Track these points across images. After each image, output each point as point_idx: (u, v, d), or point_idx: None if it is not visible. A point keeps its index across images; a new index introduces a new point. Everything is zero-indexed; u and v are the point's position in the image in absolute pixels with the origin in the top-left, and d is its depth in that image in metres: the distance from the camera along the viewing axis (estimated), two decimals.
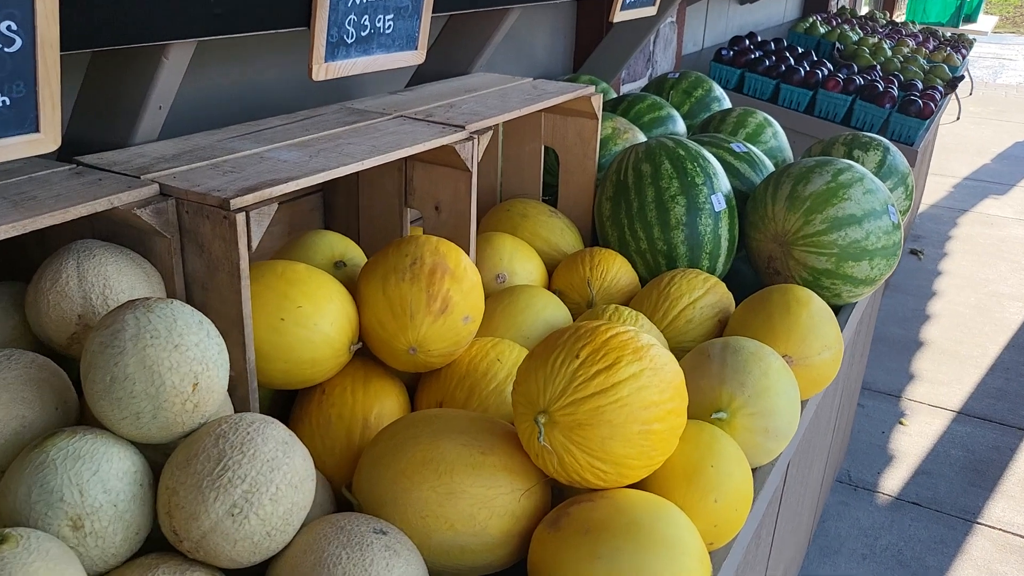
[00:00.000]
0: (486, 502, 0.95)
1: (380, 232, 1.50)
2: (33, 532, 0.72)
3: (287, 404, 1.23)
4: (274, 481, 0.82)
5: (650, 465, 0.95)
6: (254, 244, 0.99)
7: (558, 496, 1.06)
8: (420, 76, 1.81)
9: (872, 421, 3.47)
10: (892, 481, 3.09)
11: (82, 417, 0.93)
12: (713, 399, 1.16)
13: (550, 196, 1.94)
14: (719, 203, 1.70)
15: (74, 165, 1.07)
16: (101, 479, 0.79)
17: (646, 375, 0.93)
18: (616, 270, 1.58)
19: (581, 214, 1.88)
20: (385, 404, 1.14)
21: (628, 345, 0.94)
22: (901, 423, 3.45)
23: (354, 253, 1.31)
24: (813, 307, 1.36)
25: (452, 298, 1.14)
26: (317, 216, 1.57)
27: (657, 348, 0.97)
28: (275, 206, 1.01)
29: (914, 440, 3.36)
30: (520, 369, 0.99)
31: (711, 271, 1.71)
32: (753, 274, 1.94)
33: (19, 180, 0.99)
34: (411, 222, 1.55)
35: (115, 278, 0.94)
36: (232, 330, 1.02)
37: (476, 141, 1.35)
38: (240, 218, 0.97)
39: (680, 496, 0.99)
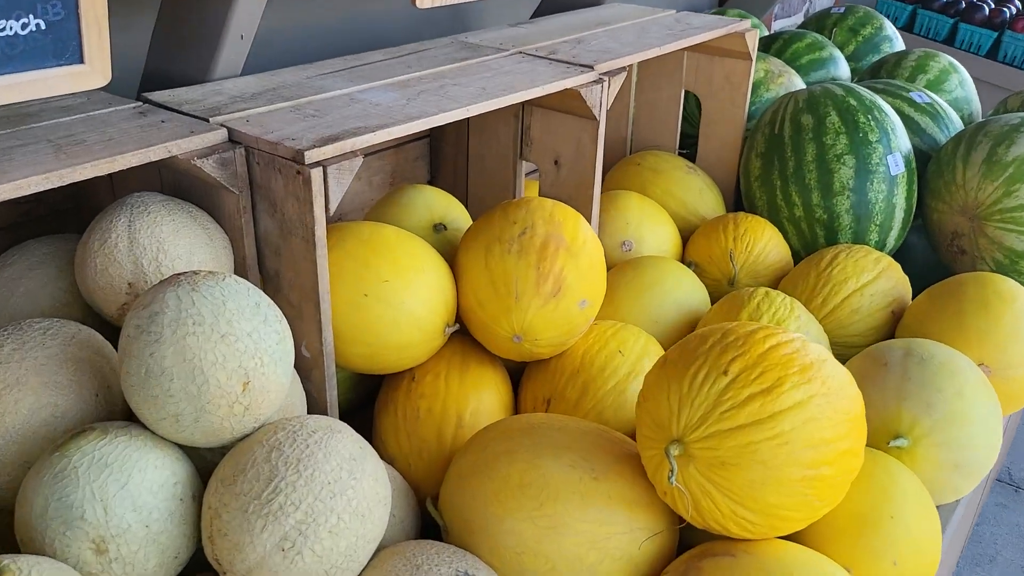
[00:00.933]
0: (597, 542, 0.76)
1: (491, 188, 1.30)
2: (40, 563, 0.59)
3: (375, 387, 1.07)
4: (335, 509, 0.66)
5: (811, 517, 0.74)
6: (333, 206, 0.82)
7: (685, 530, 0.86)
8: (547, 6, 1.58)
9: None
10: None
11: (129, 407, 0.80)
12: (890, 421, 0.92)
13: (688, 150, 1.69)
14: (896, 165, 1.41)
15: (140, 103, 0.92)
16: (131, 494, 0.65)
17: (816, 404, 0.71)
18: (765, 242, 1.34)
19: (724, 172, 1.63)
20: (483, 398, 0.96)
21: (793, 361, 0.72)
22: None
23: (457, 214, 1.12)
24: (1020, 305, 1.09)
25: (567, 278, 0.94)
26: (423, 166, 1.40)
27: (831, 365, 0.75)
28: (359, 160, 0.84)
29: None
30: (649, 380, 0.78)
31: (879, 247, 1.43)
32: (927, 250, 1.64)
33: (72, 120, 0.85)
34: (526, 175, 1.36)
35: (170, 240, 0.79)
36: (306, 305, 0.87)
37: (606, 84, 1.12)
38: (316, 174, 0.80)
39: (847, 555, 0.78)
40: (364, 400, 1.09)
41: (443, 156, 1.37)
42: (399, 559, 0.72)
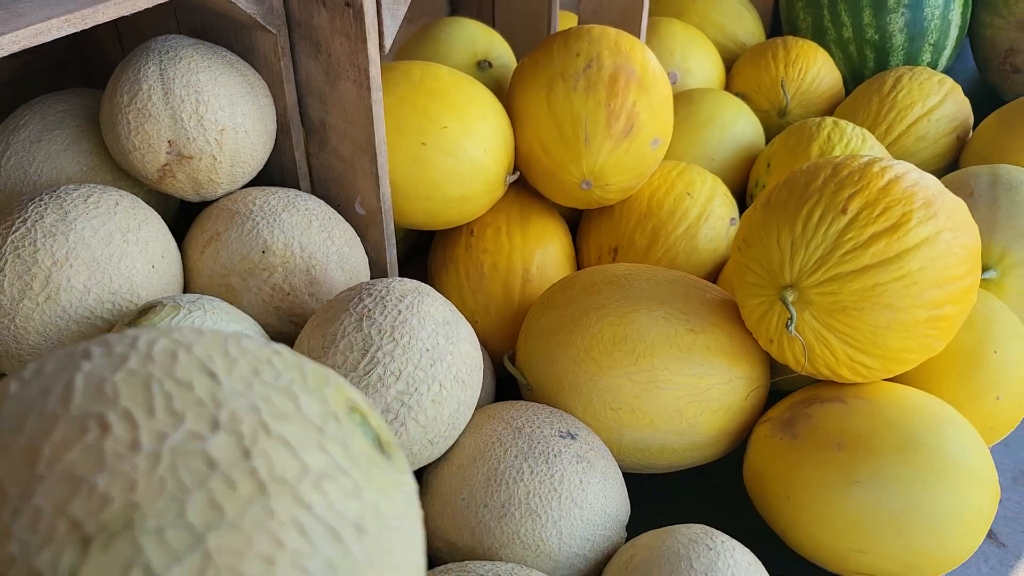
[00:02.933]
0: (696, 395, 0.73)
1: (522, 19, 1.18)
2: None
3: (424, 246, 1.01)
4: (436, 377, 0.61)
5: (926, 357, 0.70)
6: (388, 42, 0.72)
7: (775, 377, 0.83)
8: None
9: None
10: None
11: (187, 274, 0.73)
12: (981, 253, 0.87)
13: None
14: None
15: None
16: None
17: (943, 239, 0.65)
18: (818, 68, 1.24)
19: None
20: (548, 250, 0.90)
21: (916, 195, 0.66)
22: None
23: (501, 50, 1.02)
24: None
25: (639, 115, 0.86)
26: (441, 6, 1.26)
27: (951, 197, 0.69)
28: None
29: None
30: (751, 223, 0.72)
31: (932, 69, 1.34)
32: (968, 71, 1.56)
33: None
34: (560, 6, 1.23)
35: (209, 90, 0.70)
36: (360, 158, 0.78)
37: None
38: (369, 5, 0.69)
39: (952, 392, 0.75)
40: (404, 259, 1.03)
41: None
42: (498, 422, 0.68)
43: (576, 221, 1.02)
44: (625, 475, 0.76)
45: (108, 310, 0.64)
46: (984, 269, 0.87)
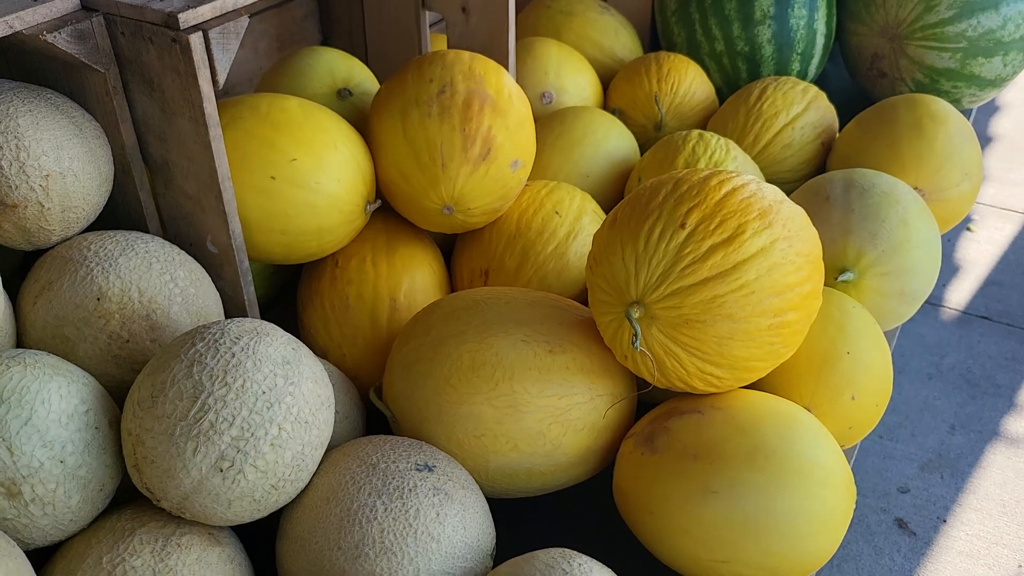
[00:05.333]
0: (559, 415, 0.72)
1: (393, 45, 1.18)
2: None
3: (291, 278, 0.99)
4: (275, 420, 0.60)
5: (775, 364, 0.72)
6: (221, 78, 0.71)
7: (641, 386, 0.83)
8: None
9: None
10: (959, 294, 2.87)
11: (19, 326, 0.70)
12: (836, 255, 0.90)
13: None
14: None
15: None
16: (37, 428, 0.57)
17: (779, 248, 0.66)
18: (690, 81, 1.27)
19: (638, 12, 1.53)
20: (416, 277, 0.90)
21: (752, 206, 0.67)
22: (969, 230, 3.18)
23: (362, 76, 1.01)
24: (952, 126, 1.06)
25: (496, 138, 0.85)
26: (312, 25, 1.25)
27: (788, 206, 0.70)
28: (245, 20, 0.71)
29: (983, 248, 3.10)
30: (599, 241, 0.73)
31: (802, 77, 1.38)
32: (843, 79, 1.61)
33: None
34: (431, 26, 1.23)
35: (31, 135, 0.67)
36: (206, 195, 0.76)
37: None
38: (196, 40, 0.68)
39: (809, 395, 0.76)
40: (279, 293, 1.01)
41: (335, 13, 1.23)
42: (352, 460, 0.67)
43: (451, 245, 1.01)
44: (498, 501, 0.75)
45: None
46: (841, 271, 0.89)
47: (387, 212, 0.94)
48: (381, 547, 0.62)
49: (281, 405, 0.60)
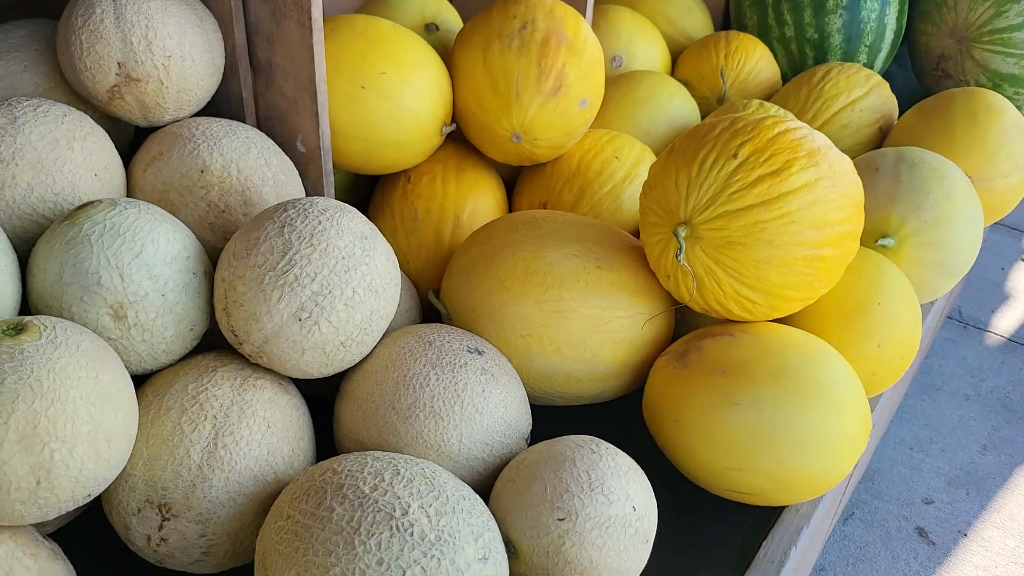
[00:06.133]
0: (600, 325, 0.78)
1: None
2: (60, 322, 0.59)
3: (366, 193, 1.06)
4: (350, 283, 0.67)
5: (809, 298, 0.77)
6: None
7: (680, 322, 0.89)
8: None
9: (991, 256, 3.17)
10: (1006, 321, 2.85)
11: (129, 190, 0.78)
12: (879, 222, 0.94)
13: None
14: None
15: None
16: (145, 263, 0.64)
17: (823, 186, 0.72)
18: (756, 60, 1.32)
19: None
20: (480, 200, 0.96)
21: (801, 146, 0.73)
22: (1023, 260, 3.15)
23: (449, 15, 1.08)
24: (1007, 119, 1.10)
25: (568, 76, 0.92)
26: None
27: (835, 152, 0.75)
28: None
29: None
30: (654, 168, 0.79)
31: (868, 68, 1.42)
32: (909, 78, 1.64)
33: None
34: None
35: (159, 18, 0.75)
36: (302, 96, 0.84)
37: None
38: None
39: (837, 337, 0.81)
40: (360, 205, 1.08)
41: None
42: (412, 336, 0.74)
43: (513, 183, 1.08)
44: (534, 410, 0.81)
45: (50, 209, 0.69)
46: (882, 236, 0.94)
47: (459, 140, 1.01)
48: (430, 411, 0.69)
49: (357, 271, 0.67)
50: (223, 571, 0.67)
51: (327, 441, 0.75)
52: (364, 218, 0.72)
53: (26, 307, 0.66)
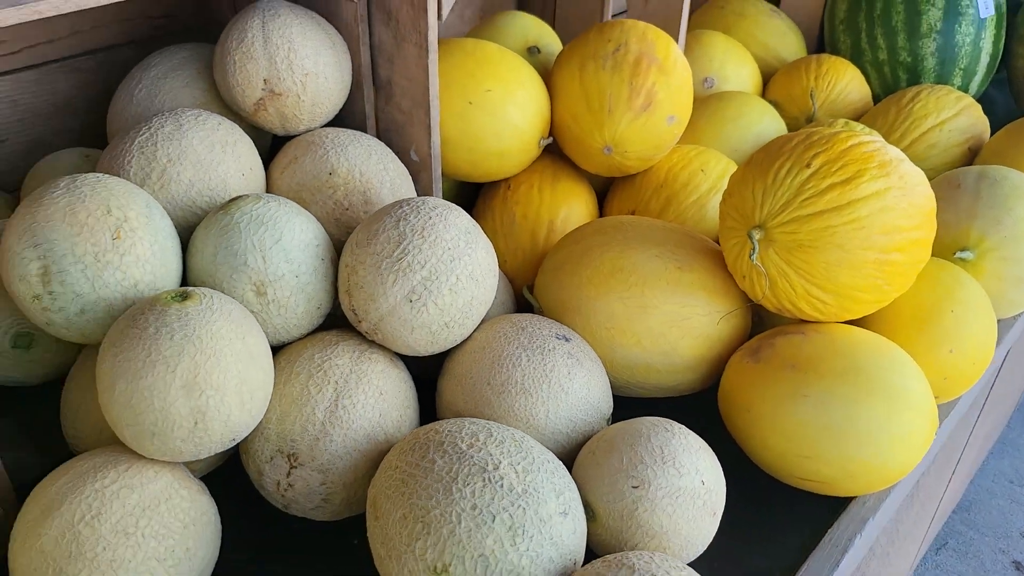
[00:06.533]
0: (679, 321, 0.85)
1: (578, 22, 1.34)
2: (216, 293, 0.70)
3: (470, 199, 1.16)
4: (455, 271, 0.76)
5: (879, 301, 0.81)
6: (445, 11, 0.89)
7: (757, 325, 0.94)
8: None
9: None
10: None
11: (268, 188, 0.90)
12: (959, 235, 0.97)
13: None
14: (986, 7, 1.40)
15: None
16: (283, 248, 0.76)
17: (892, 195, 0.77)
18: (847, 81, 1.36)
19: (807, 18, 1.63)
20: (573, 207, 1.05)
21: (873, 158, 0.78)
22: None
23: (550, 39, 1.18)
24: None
25: (657, 94, 0.99)
26: (509, 2, 1.43)
27: (907, 165, 0.80)
28: None
29: None
30: (734, 178, 0.85)
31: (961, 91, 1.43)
32: (1007, 102, 1.64)
33: None
34: (612, 16, 1.39)
35: (299, 41, 0.87)
36: (417, 110, 0.94)
37: None
38: None
39: (909, 341, 0.85)
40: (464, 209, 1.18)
41: None
42: (507, 323, 0.82)
43: (604, 194, 1.16)
44: (616, 401, 0.88)
45: (206, 201, 0.81)
46: (961, 248, 0.97)
47: (554, 153, 1.10)
48: (521, 388, 0.77)
49: (461, 261, 0.77)
50: (337, 519, 0.77)
51: (429, 416, 0.84)
52: (468, 216, 0.81)
53: (185, 282, 0.78)
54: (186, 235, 0.80)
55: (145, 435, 0.65)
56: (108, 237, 0.69)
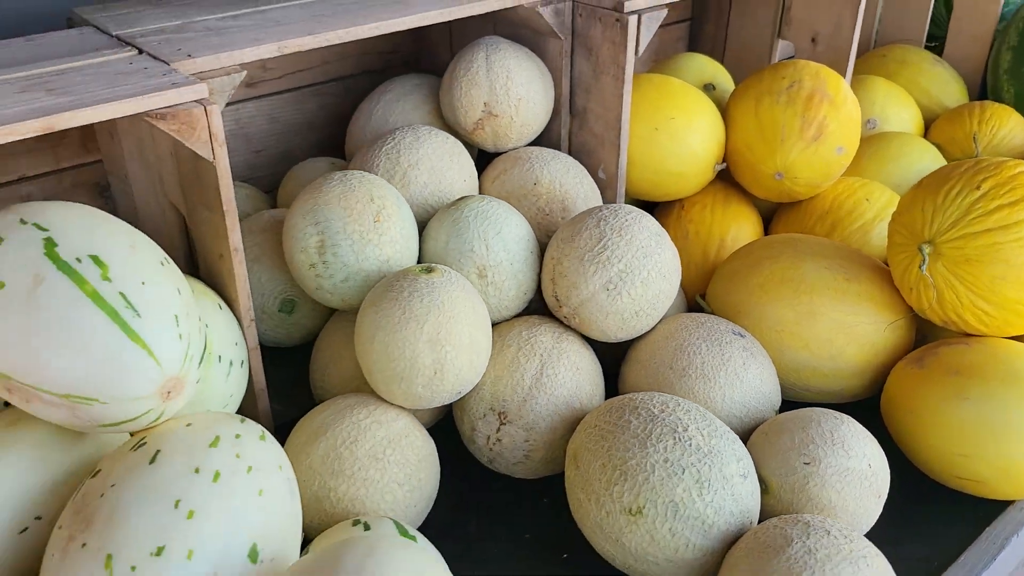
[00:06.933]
0: (846, 328, 0.93)
1: (747, 65, 1.45)
2: (450, 270, 0.84)
3: None
4: (646, 267, 0.88)
5: None
6: (642, 48, 1.02)
7: (920, 342, 1.01)
8: None
9: None
10: None
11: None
12: None
13: (935, 45, 1.74)
14: None
15: None
16: (503, 239, 0.90)
17: None
18: (1010, 127, 1.40)
19: (971, 67, 1.67)
20: (742, 227, 1.15)
21: None
22: None
23: (723, 77, 1.29)
24: None
25: (828, 125, 1.09)
26: (682, 46, 1.56)
27: None
28: (664, 11, 1.02)
29: None
30: (903, 200, 0.93)
31: None
32: None
33: None
34: (779, 58, 1.49)
35: (516, 71, 1.02)
36: (608, 134, 1.08)
37: None
38: (632, 20, 1.00)
39: None
40: None
41: (702, 37, 1.53)
42: (687, 318, 0.93)
43: (768, 219, 1.25)
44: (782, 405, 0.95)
45: (436, 200, 0.96)
46: None
47: (725, 179, 1.20)
48: (700, 373, 0.87)
49: (652, 258, 0.88)
50: (533, 477, 0.89)
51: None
52: (657, 222, 0.93)
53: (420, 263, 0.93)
54: (419, 227, 0.95)
55: (394, 379, 0.80)
56: (371, 220, 0.85)
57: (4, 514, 0.59)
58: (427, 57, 1.28)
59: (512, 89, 1.02)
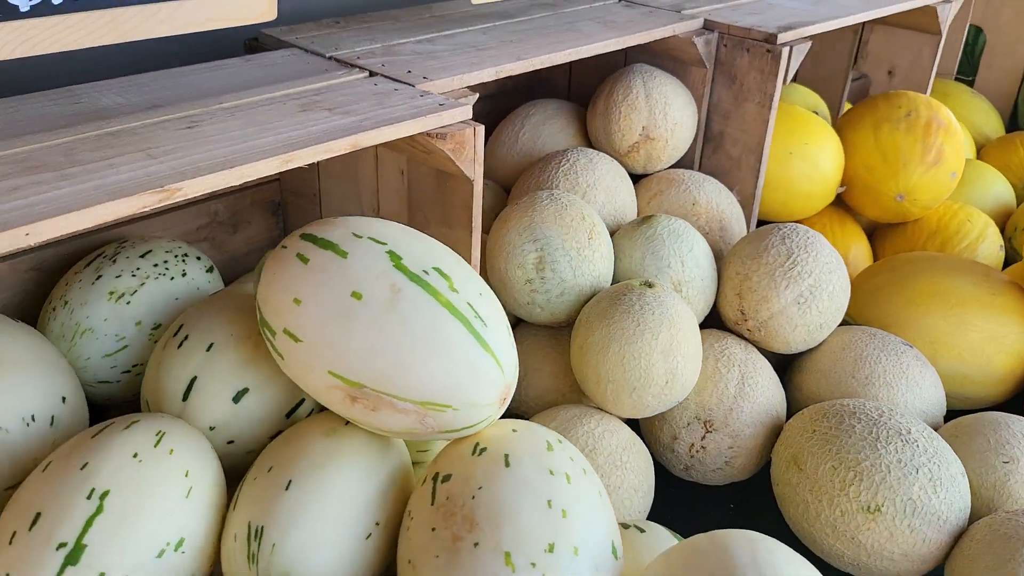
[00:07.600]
0: (995, 338, 1.00)
1: (821, 94, 1.54)
2: (663, 285, 0.88)
3: None
4: (832, 281, 0.93)
5: None
6: (790, 77, 1.08)
7: None
8: None
9: None
10: None
11: (639, 214, 1.09)
12: None
13: (966, 79, 1.87)
14: None
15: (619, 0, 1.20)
16: (695, 257, 0.94)
17: None
18: None
19: (1001, 99, 1.80)
20: (858, 246, 1.22)
21: None
22: None
23: (823, 107, 1.37)
24: None
25: (944, 151, 1.17)
26: None
27: None
28: (810, 43, 1.09)
29: None
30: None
31: None
32: None
33: (582, 8, 1.13)
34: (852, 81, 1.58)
35: (671, 97, 1.07)
36: (746, 157, 1.13)
37: (954, 2, 1.33)
38: (785, 52, 1.06)
39: None
40: None
41: None
42: (855, 331, 0.98)
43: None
44: None
45: (611, 219, 1.00)
46: None
47: (838, 204, 1.27)
48: (883, 381, 0.93)
49: (835, 274, 0.94)
50: (726, 483, 0.92)
51: None
52: (827, 241, 0.98)
53: (613, 280, 0.96)
54: None
55: (626, 390, 0.82)
56: (585, 237, 0.88)
57: (351, 522, 0.59)
58: (540, 83, 1.32)
59: (670, 114, 1.07)
